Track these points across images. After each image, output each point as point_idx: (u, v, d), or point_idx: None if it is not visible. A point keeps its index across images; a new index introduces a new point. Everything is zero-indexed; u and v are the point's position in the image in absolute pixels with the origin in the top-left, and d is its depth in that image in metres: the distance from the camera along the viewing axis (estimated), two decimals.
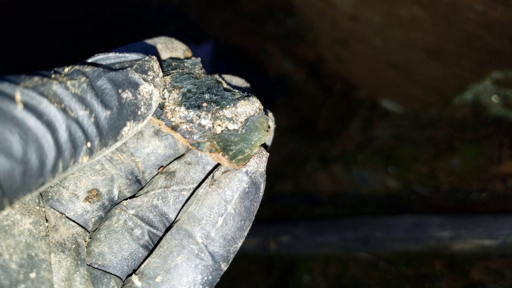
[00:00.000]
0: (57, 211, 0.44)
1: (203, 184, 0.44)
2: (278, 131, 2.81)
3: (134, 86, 0.38)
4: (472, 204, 1.93)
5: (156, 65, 0.41)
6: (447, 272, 1.87)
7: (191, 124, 0.44)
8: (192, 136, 0.44)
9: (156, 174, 0.49)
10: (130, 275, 0.44)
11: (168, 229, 0.46)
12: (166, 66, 0.50)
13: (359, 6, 2.14)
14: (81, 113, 0.33)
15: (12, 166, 0.28)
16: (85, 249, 0.43)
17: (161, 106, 0.45)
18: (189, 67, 0.51)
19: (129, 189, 0.48)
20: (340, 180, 2.43)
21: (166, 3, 2.95)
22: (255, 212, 0.43)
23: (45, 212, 0.41)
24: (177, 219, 0.43)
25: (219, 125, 0.44)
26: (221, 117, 0.44)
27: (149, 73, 0.39)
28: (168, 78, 0.47)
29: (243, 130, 0.44)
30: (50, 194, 0.44)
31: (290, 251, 2.05)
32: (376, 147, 2.44)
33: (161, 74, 0.41)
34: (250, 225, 0.43)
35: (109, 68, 0.38)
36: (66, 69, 0.36)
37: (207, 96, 0.46)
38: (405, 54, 2.21)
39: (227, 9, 2.92)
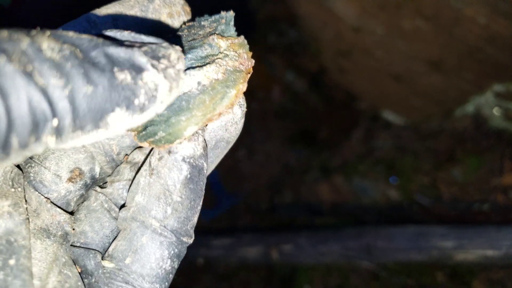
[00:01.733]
0: (41, 194, 0.42)
1: (143, 171, 0.43)
2: (279, 141, 2.81)
3: (137, 70, 0.31)
4: (474, 214, 1.94)
5: (174, 55, 0.34)
6: (449, 283, 1.87)
7: None
8: None
9: (122, 163, 0.48)
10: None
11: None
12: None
13: (362, 17, 2.17)
14: (53, 81, 0.27)
15: None
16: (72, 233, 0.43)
17: None
18: (207, 25, 0.45)
19: (109, 165, 0.47)
20: (341, 190, 2.44)
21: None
22: (204, 187, 0.43)
23: (24, 195, 0.40)
24: (126, 205, 0.43)
25: None
26: None
27: (162, 60, 0.33)
28: None
29: (166, 112, 0.39)
30: (32, 175, 0.42)
31: (292, 259, 2.04)
32: (377, 157, 2.45)
33: (178, 67, 0.34)
34: (202, 199, 0.43)
35: (113, 42, 0.32)
36: (59, 31, 0.30)
37: None
38: (407, 65, 2.24)
39: None
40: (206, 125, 0.42)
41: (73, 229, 0.44)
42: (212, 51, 0.42)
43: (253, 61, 0.44)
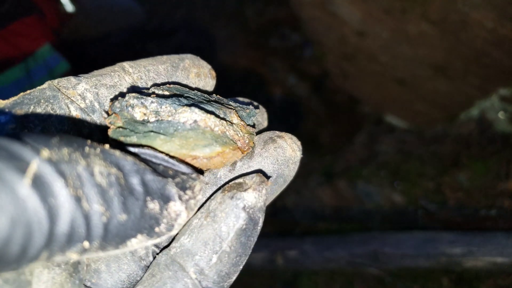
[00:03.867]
0: None
1: (198, 213, 0.40)
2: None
3: (166, 200, 0.33)
4: (481, 220, 1.92)
5: (198, 187, 0.36)
6: None
7: (123, 101, 0.41)
8: (113, 107, 0.41)
9: None
10: None
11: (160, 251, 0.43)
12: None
13: (367, 22, 2.16)
14: (96, 207, 0.29)
15: None
16: (85, 267, 0.40)
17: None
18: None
19: None
20: (345, 195, 2.42)
21: (170, 16, 2.97)
22: (252, 246, 0.41)
23: None
24: (170, 246, 0.40)
25: (144, 113, 0.40)
26: (153, 110, 0.40)
27: (187, 191, 0.35)
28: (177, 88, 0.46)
29: (152, 125, 0.39)
30: None
31: (297, 266, 2.02)
32: (381, 162, 2.43)
33: (198, 198, 0.36)
34: (246, 258, 0.41)
35: (150, 168, 0.34)
36: (106, 146, 0.32)
37: (182, 100, 0.42)
38: (412, 70, 2.23)
39: (232, 24, 2.94)
40: (181, 160, 0.40)
41: (87, 264, 0.41)
42: (224, 117, 0.43)
43: (250, 149, 0.44)
